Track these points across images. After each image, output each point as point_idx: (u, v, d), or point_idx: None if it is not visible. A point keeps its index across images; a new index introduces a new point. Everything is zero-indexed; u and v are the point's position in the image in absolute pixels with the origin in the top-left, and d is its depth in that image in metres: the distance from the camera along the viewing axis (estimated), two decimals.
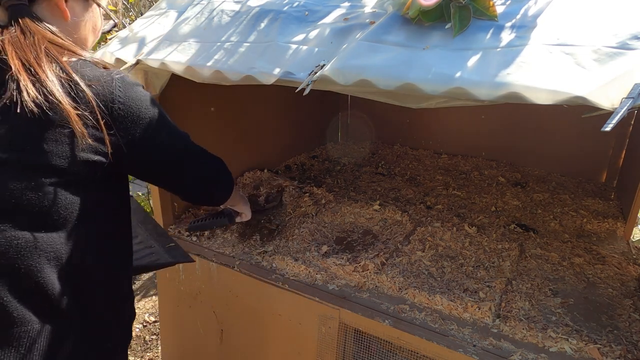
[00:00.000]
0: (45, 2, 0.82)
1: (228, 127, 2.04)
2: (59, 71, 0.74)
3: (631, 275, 1.52)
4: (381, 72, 0.94)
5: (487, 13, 0.97)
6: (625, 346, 1.19)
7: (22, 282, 0.76)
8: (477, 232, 1.74)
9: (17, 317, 0.76)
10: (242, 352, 1.69)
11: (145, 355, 2.37)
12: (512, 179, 2.36)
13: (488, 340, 1.21)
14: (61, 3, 0.82)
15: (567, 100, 0.77)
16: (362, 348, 1.38)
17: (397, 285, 1.42)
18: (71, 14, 0.84)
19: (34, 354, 0.77)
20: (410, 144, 2.89)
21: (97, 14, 0.91)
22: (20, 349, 0.76)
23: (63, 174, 0.75)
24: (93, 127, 0.75)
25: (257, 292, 1.54)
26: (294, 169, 2.43)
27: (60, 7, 0.82)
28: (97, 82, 0.77)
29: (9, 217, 0.73)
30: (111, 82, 0.78)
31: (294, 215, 1.86)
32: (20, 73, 0.71)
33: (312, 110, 2.70)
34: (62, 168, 0.74)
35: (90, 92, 0.75)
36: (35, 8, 0.81)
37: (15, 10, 0.77)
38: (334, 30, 1.12)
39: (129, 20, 3.30)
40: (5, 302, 0.74)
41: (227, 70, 1.16)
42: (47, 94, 0.71)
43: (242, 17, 1.31)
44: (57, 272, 0.78)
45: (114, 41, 1.43)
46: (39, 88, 0.71)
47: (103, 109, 0.76)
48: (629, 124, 2.23)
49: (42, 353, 0.78)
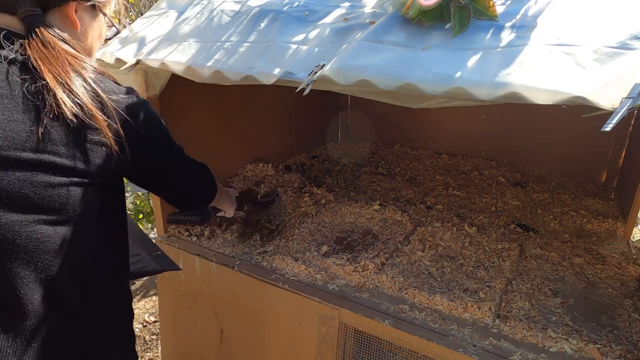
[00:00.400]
0: (58, 12, 0.85)
1: (228, 127, 2.04)
2: (84, 83, 0.80)
3: (631, 275, 1.52)
4: (381, 72, 0.94)
5: (487, 13, 0.97)
6: (625, 346, 1.19)
7: (36, 277, 0.78)
8: (477, 232, 1.74)
9: (32, 311, 0.78)
10: (242, 352, 1.69)
11: (145, 355, 2.37)
12: (512, 179, 2.36)
13: (488, 340, 1.21)
14: (72, 13, 0.86)
15: (567, 100, 0.77)
16: (362, 348, 1.38)
17: (397, 285, 1.42)
18: (80, 23, 0.88)
19: (44, 347, 0.80)
20: (410, 144, 2.89)
21: (102, 22, 0.95)
22: (32, 342, 0.78)
23: (87, 176, 0.80)
24: (115, 136, 0.81)
25: (257, 292, 1.54)
26: (294, 169, 2.43)
27: (71, 17, 0.86)
28: (115, 96, 0.83)
29: (33, 210, 0.76)
30: (128, 99, 0.85)
31: (294, 215, 1.86)
32: (56, 87, 0.76)
33: (312, 110, 2.70)
34: (89, 172, 0.80)
35: (111, 104, 0.81)
36: (48, 18, 0.84)
37: (31, 21, 0.81)
38: (334, 30, 1.12)
39: (129, 20, 3.30)
40: (22, 295, 0.77)
41: (227, 70, 1.16)
42: (81, 104, 0.77)
43: (242, 17, 1.31)
44: (65, 269, 0.81)
45: (114, 41, 1.43)
46: (74, 100, 0.77)
47: (122, 120, 0.82)
48: (629, 124, 2.23)
49: (47, 348, 0.80)
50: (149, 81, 1.53)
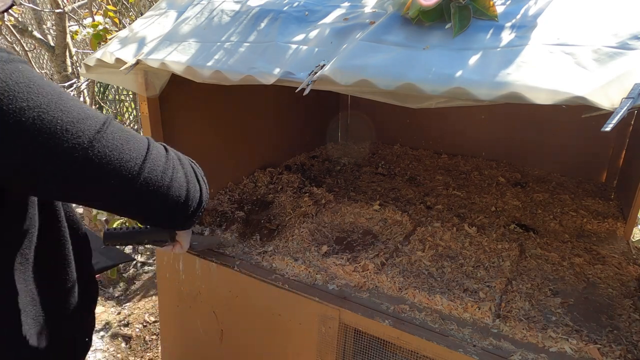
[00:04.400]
0: None
1: (228, 127, 2.04)
2: None
3: (631, 275, 1.52)
4: (381, 72, 0.94)
5: (487, 13, 0.97)
6: (625, 346, 1.19)
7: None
8: (477, 232, 1.74)
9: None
10: (242, 352, 1.69)
11: (145, 355, 2.37)
12: (512, 179, 2.36)
13: (488, 340, 1.21)
14: None
15: (567, 100, 0.77)
16: (362, 348, 1.38)
17: (397, 285, 1.42)
18: None
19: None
20: (410, 144, 2.89)
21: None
22: None
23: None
24: None
25: (257, 292, 1.54)
26: (294, 169, 2.43)
27: None
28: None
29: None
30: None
31: (294, 215, 1.86)
32: None
33: (312, 110, 2.70)
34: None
35: None
36: None
37: None
38: (334, 30, 1.12)
39: (129, 20, 3.30)
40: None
41: (227, 70, 1.16)
42: None
43: (242, 17, 1.31)
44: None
45: (114, 41, 1.44)
46: None
47: None
48: (629, 124, 2.23)
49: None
50: (149, 81, 1.53)
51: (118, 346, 2.42)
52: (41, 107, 0.64)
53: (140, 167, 0.75)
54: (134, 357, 2.36)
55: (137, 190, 0.75)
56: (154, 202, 0.79)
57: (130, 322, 2.57)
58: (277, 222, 1.83)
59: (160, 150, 0.81)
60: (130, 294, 2.82)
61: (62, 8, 2.48)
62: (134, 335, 2.49)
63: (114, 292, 2.82)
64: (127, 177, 0.73)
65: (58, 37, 2.63)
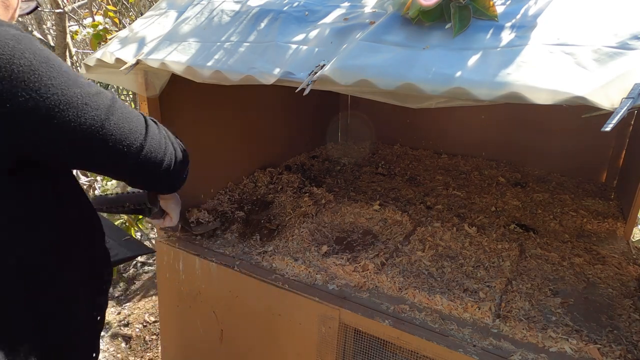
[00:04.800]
0: None
1: (228, 127, 2.04)
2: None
3: (631, 275, 1.52)
4: (381, 72, 0.94)
5: (487, 13, 0.97)
6: (625, 346, 1.19)
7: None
8: (477, 232, 1.74)
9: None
10: (242, 352, 1.69)
11: (145, 355, 2.37)
12: (512, 179, 2.36)
13: (488, 340, 1.21)
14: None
15: (567, 100, 0.77)
16: (362, 348, 1.38)
17: (397, 285, 1.42)
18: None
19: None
20: (410, 144, 2.89)
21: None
22: None
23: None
24: None
25: (257, 292, 1.54)
26: (294, 169, 2.43)
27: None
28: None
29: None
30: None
31: (294, 215, 1.86)
32: None
33: (312, 110, 2.70)
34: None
35: None
36: None
37: None
38: (334, 30, 1.12)
39: (128, 20, 3.30)
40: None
41: (227, 70, 1.16)
42: None
43: (242, 17, 1.31)
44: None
45: (114, 41, 1.44)
46: None
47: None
48: (629, 124, 2.23)
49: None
50: (149, 81, 1.53)
51: (118, 346, 2.42)
52: (62, 85, 0.72)
53: (144, 135, 0.87)
54: (134, 357, 2.36)
55: (144, 152, 0.86)
56: (150, 166, 0.90)
57: (130, 322, 2.57)
58: (277, 222, 1.83)
59: (149, 121, 0.92)
60: (130, 294, 2.82)
61: (62, 8, 2.48)
62: (134, 335, 2.49)
63: (114, 292, 2.82)
64: (135, 144, 0.84)
65: (58, 37, 2.63)
